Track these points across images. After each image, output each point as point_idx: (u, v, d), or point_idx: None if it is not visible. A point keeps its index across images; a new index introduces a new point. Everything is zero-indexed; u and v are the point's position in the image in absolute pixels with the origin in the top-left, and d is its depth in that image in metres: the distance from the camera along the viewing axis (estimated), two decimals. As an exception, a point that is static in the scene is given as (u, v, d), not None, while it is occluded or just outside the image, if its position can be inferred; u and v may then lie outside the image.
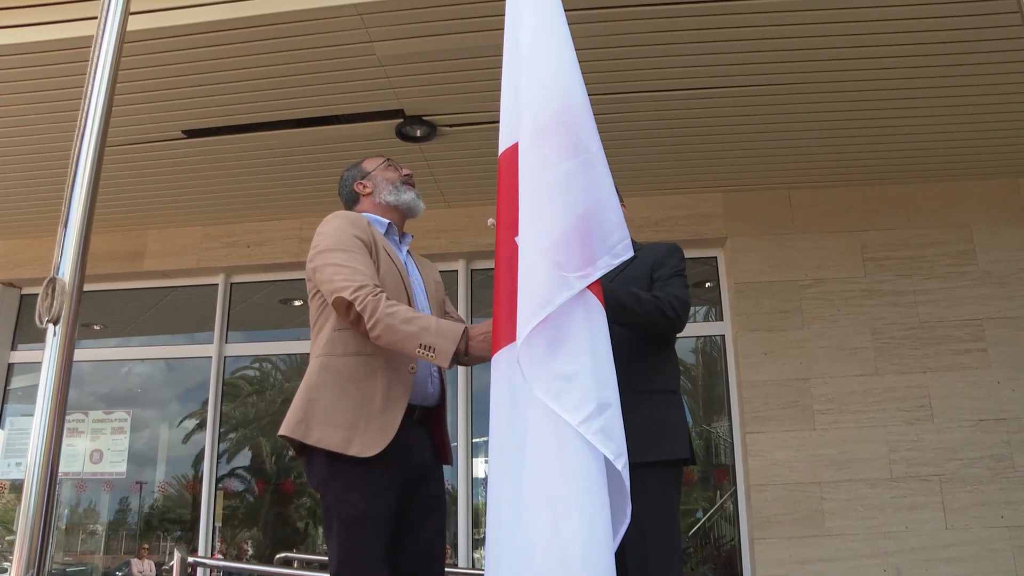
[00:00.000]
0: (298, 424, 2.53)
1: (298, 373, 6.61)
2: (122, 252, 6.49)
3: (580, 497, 1.84)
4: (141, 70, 4.37)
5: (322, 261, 2.59)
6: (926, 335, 5.62)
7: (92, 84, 2.57)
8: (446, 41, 4.21)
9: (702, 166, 5.66)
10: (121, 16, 2.75)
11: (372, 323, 2.43)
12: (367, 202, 2.91)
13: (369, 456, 2.46)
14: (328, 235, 2.65)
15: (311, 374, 2.61)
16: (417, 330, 2.43)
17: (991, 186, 5.88)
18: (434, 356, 2.41)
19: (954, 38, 4.26)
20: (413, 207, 2.93)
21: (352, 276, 2.50)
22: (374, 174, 2.93)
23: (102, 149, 2.52)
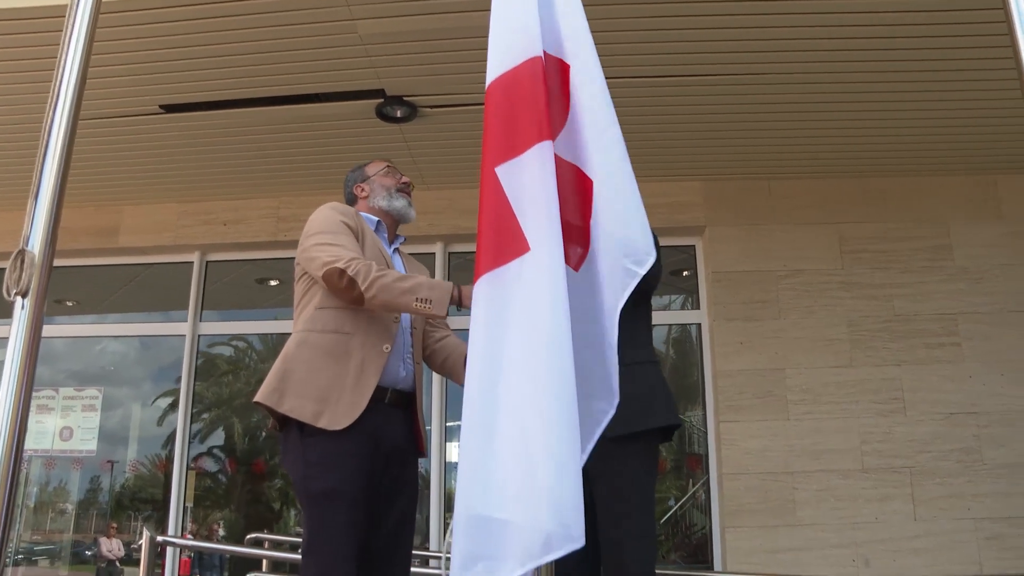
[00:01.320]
0: (272, 392, 2.64)
1: (273, 354, 6.57)
2: (97, 227, 6.41)
3: (553, 424, 1.77)
4: (119, 42, 4.30)
5: (311, 243, 2.73)
6: (901, 328, 5.66)
7: (66, 54, 2.52)
8: (429, 21, 4.17)
9: (682, 154, 5.65)
10: (97, -15, 2.70)
11: (367, 284, 2.56)
12: (362, 204, 3.04)
13: (338, 429, 2.56)
14: (317, 222, 2.79)
15: (289, 346, 2.72)
16: (412, 285, 2.58)
17: (968, 182, 5.92)
18: (431, 306, 2.56)
19: (936, 33, 4.28)
20: (404, 214, 3.06)
21: (341, 252, 2.64)
22: (373, 179, 3.07)
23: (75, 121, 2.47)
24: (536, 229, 1.90)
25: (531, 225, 1.91)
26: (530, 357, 1.82)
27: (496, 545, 1.71)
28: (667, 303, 6.31)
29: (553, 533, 1.66)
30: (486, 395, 1.83)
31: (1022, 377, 5.52)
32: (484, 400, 1.83)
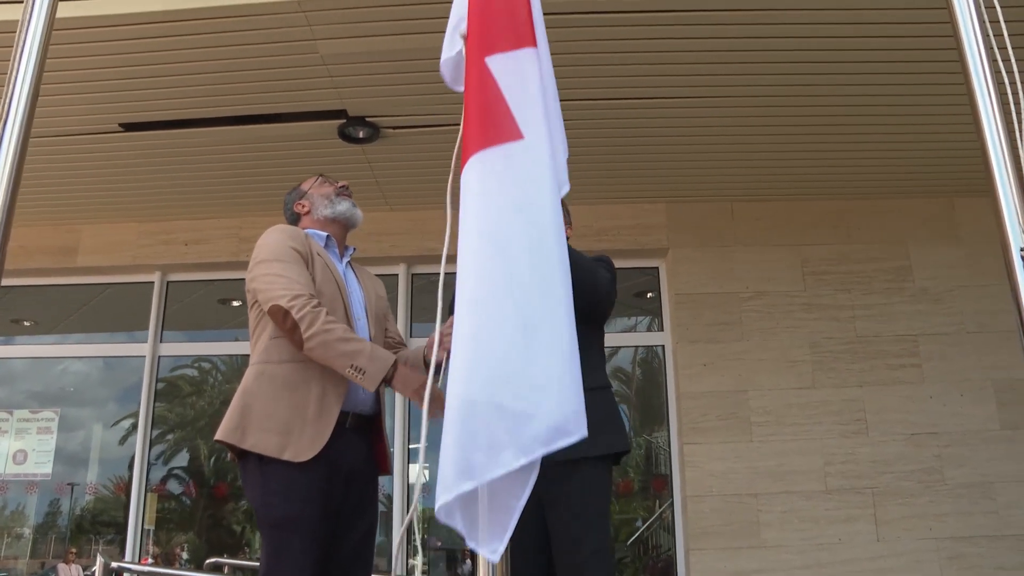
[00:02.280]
0: (234, 430, 2.59)
1: (237, 375, 6.49)
2: (55, 247, 6.31)
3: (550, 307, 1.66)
4: (77, 59, 4.25)
5: (259, 271, 2.69)
6: (863, 350, 5.70)
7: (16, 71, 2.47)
8: (391, 42, 4.16)
9: (645, 177, 5.67)
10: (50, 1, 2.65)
11: (309, 334, 2.53)
12: (307, 220, 3.00)
13: (303, 461, 2.53)
14: (265, 247, 2.74)
15: (247, 380, 2.68)
16: (353, 350, 2.55)
17: (927, 204, 5.99)
18: (363, 379, 2.54)
19: (896, 58, 4.34)
20: (350, 216, 3.01)
21: (289, 285, 2.59)
22: (310, 192, 3.03)
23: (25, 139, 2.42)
24: (529, 122, 1.82)
25: (523, 116, 1.83)
26: (534, 238, 1.71)
27: (493, 434, 1.58)
28: (632, 325, 6.32)
29: (553, 425, 1.61)
30: (483, 270, 1.72)
31: (981, 397, 5.58)
32: (480, 276, 1.72)
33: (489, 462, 1.56)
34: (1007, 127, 2.04)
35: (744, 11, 3.97)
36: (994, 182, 1.98)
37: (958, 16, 2.32)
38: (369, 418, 2.82)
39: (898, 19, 4.03)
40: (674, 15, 4.01)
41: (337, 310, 2.73)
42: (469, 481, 1.55)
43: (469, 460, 1.56)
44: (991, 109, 2.06)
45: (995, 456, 5.45)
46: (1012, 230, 1.87)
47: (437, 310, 2.13)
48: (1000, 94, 2.08)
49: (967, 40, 2.27)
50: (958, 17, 2.32)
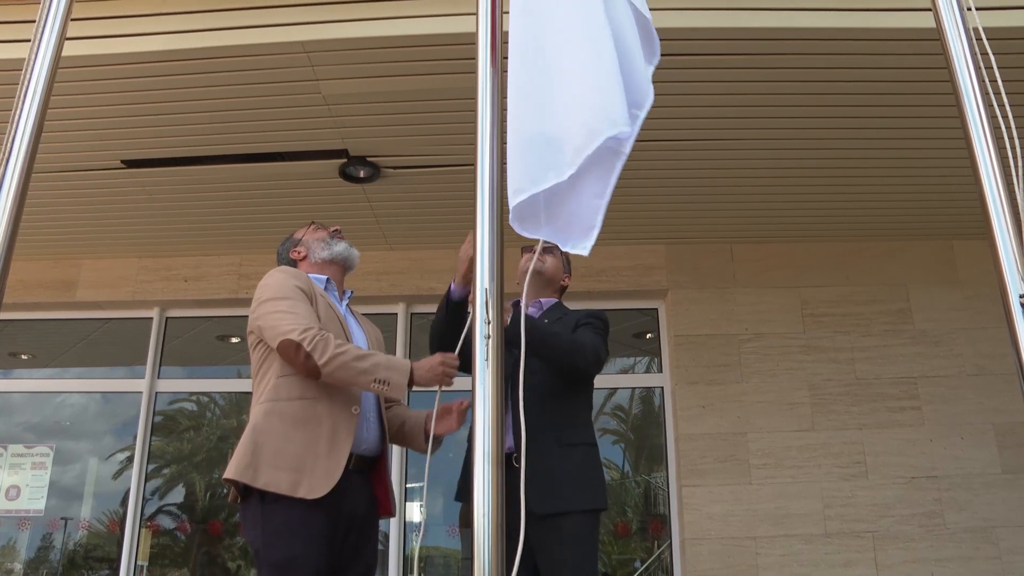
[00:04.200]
0: (246, 468, 2.57)
1: (235, 410, 6.46)
2: (55, 281, 6.31)
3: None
4: (80, 96, 4.27)
5: (265, 310, 2.71)
6: (862, 392, 5.68)
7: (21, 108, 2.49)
8: (392, 83, 4.19)
9: (645, 218, 5.69)
10: (56, 41, 2.68)
11: (325, 360, 2.55)
12: (304, 265, 3.04)
13: (317, 497, 2.54)
14: (269, 287, 2.77)
15: (257, 418, 2.67)
16: (371, 365, 2.59)
17: (926, 247, 6.01)
18: (389, 389, 2.58)
19: (894, 103, 4.38)
20: (347, 256, 3.07)
21: (296, 320, 2.62)
22: (305, 238, 3.09)
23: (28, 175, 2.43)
24: None
25: None
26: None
27: (554, 155, 1.84)
28: (631, 366, 6.30)
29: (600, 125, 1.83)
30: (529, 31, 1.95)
31: (982, 440, 5.55)
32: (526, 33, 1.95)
33: (560, 165, 1.84)
34: (1004, 173, 2.05)
35: (745, 55, 4.01)
36: (992, 229, 1.99)
37: (955, 64, 2.35)
38: (372, 459, 2.83)
39: (897, 64, 4.07)
40: (674, 59, 4.04)
41: None
42: (541, 184, 1.83)
43: (542, 163, 1.84)
44: (988, 156, 2.08)
45: (996, 500, 5.41)
46: (1010, 276, 1.87)
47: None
48: (997, 139, 2.09)
49: (964, 87, 2.30)
50: (955, 65, 2.35)
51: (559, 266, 3.45)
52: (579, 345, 3.03)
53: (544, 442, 2.97)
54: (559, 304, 3.40)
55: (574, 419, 3.11)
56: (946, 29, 2.39)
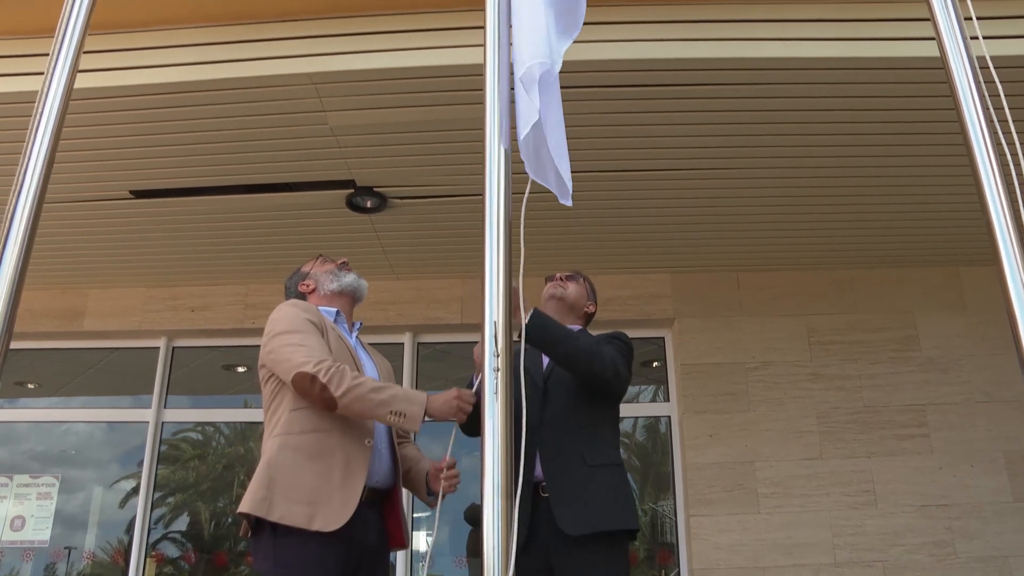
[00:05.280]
0: (261, 501, 2.57)
1: (241, 439, 6.45)
2: (62, 310, 6.33)
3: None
4: (90, 128, 4.30)
5: (278, 343, 2.71)
6: (870, 420, 5.66)
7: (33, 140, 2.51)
8: (399, 114, 4.21)
9: (651, 247, 5.70)
10: (68, 73, 2.71)
11: (342, 391, 2.55)
12: (313, 298, 3.04)
13: (333, 530, 2.53)
14: (281, 320, 2.77)
15: (271, 452, 2.66)
16: (388, 397, 2.59)
17: (933, 273, 6.00)
18: (405, 421, 2.59)
19: (901, 130, 4.39)
20: (356, 287, 3.07)
21: (311, 353, 2.62)
22: (313, 271, 3.09)
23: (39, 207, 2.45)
24: None
25: None
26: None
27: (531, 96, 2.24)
28: (636, 395, 6.29)
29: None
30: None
31: (992, 468, 5.51)
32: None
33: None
34: (1010, 200, 2.06)
35: (749, 84, 4.03)
36: (999, 255, 1.99)
37: (959, 92, 2.37)
38: (384, 491, 2.83)
39: (902, 92, 4.08)
40: (679, 88, 4.07)
41: None
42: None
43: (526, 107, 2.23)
44: (994, 182, 2.08)
45: (1008, 529, 5.36)
46: (1018, 302, 1.87)
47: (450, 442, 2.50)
48: (1002, 166, 2.10)
49: (968, 115, 2.31)
50: (959, 93, 2.37)
51: (582, 293, 3.43)
52: (597, 351, 3.00)
53: (571, 463, 2.97)
54: (583, 331, 3.38)
55: (600, 440, 3.08)
56: (950, 58, 2.41)
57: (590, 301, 3.48)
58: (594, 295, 3.53)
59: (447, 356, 6.25)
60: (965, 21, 2.55)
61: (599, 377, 3.01)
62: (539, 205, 5.12)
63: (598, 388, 3.06)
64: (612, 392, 3.13)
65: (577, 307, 3.40)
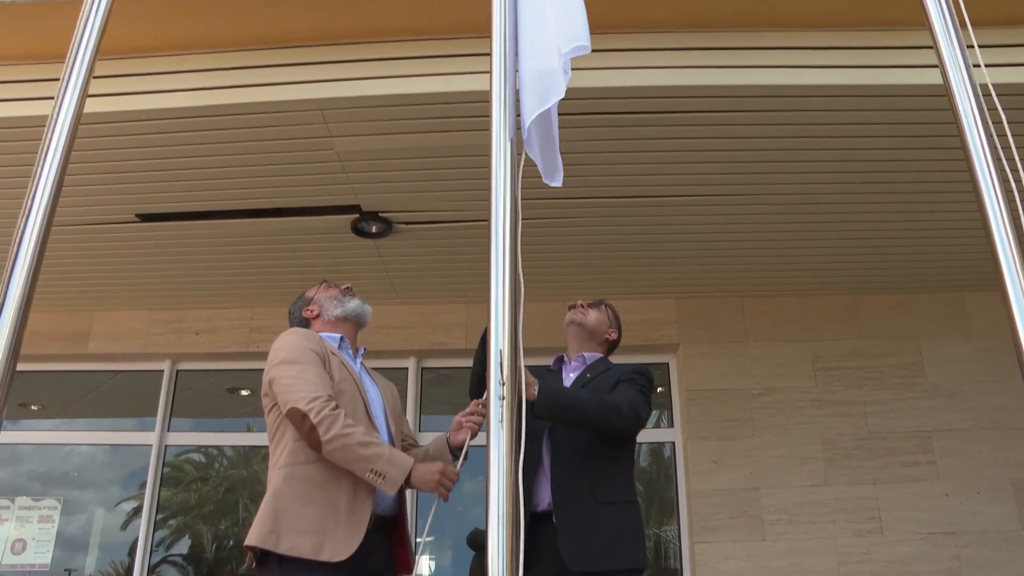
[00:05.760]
0: (268, 535, 2.55)
1: (244, 461, 6.43)
2: (66, 333, 6.34)
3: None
4: (98, 152, 4.33)
5: (278, 373, 2.70)
6: (876, 446, 5.63)
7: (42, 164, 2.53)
8: (405, 140, 4.24)
9: (655, 273, 5.71)
10: (78, 98, 2.73)
11: (328, 437, 2.54)
12: (317, 323, 3.04)
13: (341, 560, 2.52)
14: (283, 349, 2.76)
15: (276, 483, 2.65)
16: (372, 455, 2.57)
17: (938, 299, 5.99)
18: (383, 483, 2.56)
19: (904, 157, 4.40)
20: (360, 312, 3.08)
21: (307, 388, 2.61)
22: (317, 297, 3.10)
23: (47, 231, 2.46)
24: None
25: None
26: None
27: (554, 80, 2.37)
28: (643, 419, 6.26)
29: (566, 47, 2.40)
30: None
31: (999, 496, 5.47)
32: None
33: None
34: (1015, 226, 2.06)
35: (755, 112, 4.05)
36: (1004, 281, 1.99)
37: (963, 120, 2.38)
38: (391, 519, 2.82)
39: (906, 120, 4.10)
40: (685, 115, 4.09)
41: (357, 409, 2.75)
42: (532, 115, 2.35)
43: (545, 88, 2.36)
44: (998, 208, 2.09)
45: (1017, 558, 5.31)
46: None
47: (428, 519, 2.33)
48: (1006, 192, 2.11)
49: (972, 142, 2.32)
50: (963, 121, 2.38)
51: (603, 320, 3.42)
52: (612, 404, 2.98)
53: (582, 500, 2.96)
54: (603, 359, 3.37)
55: (613, 476, 3.07)
56: (953, 86, 2.42)
57: (612, 328, 3.46)
58: (617, 323, 3.52)
59: (451, 381, 6.24)
60: (968, 49, 2.57)
61: (619, 430, 3.01)
62: (544, 231, 5.17)
63: (618, 436, 3.08)
64: (630, 434, 3.14)
65: (598, 334, 3.38)
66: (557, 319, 3.51)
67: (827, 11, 3.85)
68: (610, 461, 3.08)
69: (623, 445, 3.15)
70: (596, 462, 3.05)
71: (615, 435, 3.05)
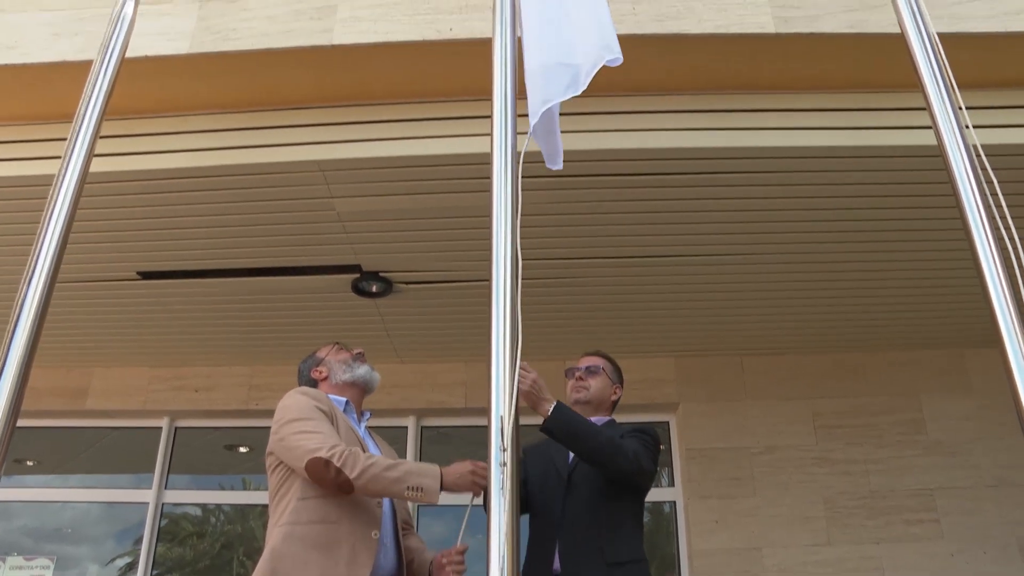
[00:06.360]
0: None
1: (240, 517, 6.36)
2: (65, 388, 6.32)
3: None
4: (101, 210, 4.36)
5: (288, 431, 2.70)
6: (878, 505, 5.57)
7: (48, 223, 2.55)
8: (405, 201, 4.28)
9: (655, 331, 5.71)
10: (84, 158, 2.77)
11: (357, 473, 2.54)
12: (325, 386, 3.05)
13: None
14: (291, 408, 2.77)
15: (275, 542, 2.63)
16: (402, 474, 2.60)
17: (938, 356, 5.98)
18: (423, 495, 2.58)
19: (902, 216, 4.44)
20: (368, 379, 3.09)
21: (323, 439, 2.62)
22: (328, 359, 3.11)
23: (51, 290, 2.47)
24: None
25: None
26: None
27: (572, 76, 2.63)
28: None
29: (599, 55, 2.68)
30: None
31: (1005, 555, 5.40)
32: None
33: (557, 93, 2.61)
34: (1011, 282, 2.08)
35: (752, 173, 4.10)
36: (1002, 338, 2.00)
37: (957, 179, 2.42)
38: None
39: (902, 179, 4.14)
40: (682, 177, 4.13)
41: None
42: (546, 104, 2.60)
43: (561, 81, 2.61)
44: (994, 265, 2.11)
45: (1024, 619, 5.24)
46: (1023, 385, 1.88)
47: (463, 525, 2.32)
48: (1001, 249, 2.13)
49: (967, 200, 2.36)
50: (957, 180, 2.42)
51: (605, 384, 3.40)
52: (619, 444, 2.98)
53: (590, 560, 2.95)
54: (611, 422, 3.36)
55: (621, 535, 3.05)
56: (947, 146, 2.47)
57: (615, 386, 3.46)
58: (619, 376, 3.51)
59: (450, 439, 6.21)
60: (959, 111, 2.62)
61: (623, 471, 2.99)
62: (544, 291, 5.17)
63: (622, 482, 3.05)
64: (637, 486, 3.12)
65: (603, 402, 3.38)
66: (555, 378, 3.50)
67: (821, 74, 3.93)
68: (619, 519, 3.07)
69: (632, 503, 3.14)
70: (605, 521, 3.03)
71: (619, 478, 3.03)
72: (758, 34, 3.72)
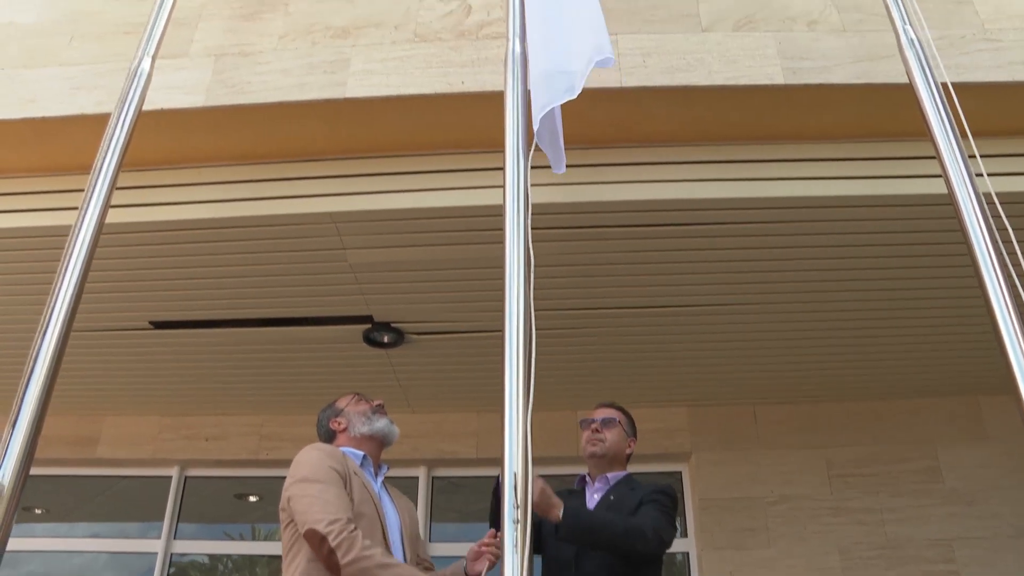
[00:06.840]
0: None
1: (248, 564, 6.30)
2: (75, 437, 6.31)
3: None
4: (114, 260, 4.37)
5: (298, 491, 2.69)
6: (895, 555, 5.48)
7: (64, 274, 2.57)
8: (417, 252, 4.29)
9: (667, 381, 5.68)
10: (101, 209, 2.80)
11: (348, 560, 2.50)
12: (343, 437, 3.04)
13: None
14: (305, 465, 2.75)
15: None
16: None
17: (953, 403, 5.92)
18: None
19: (913, 264, 4.44)
20: (388, 433, 3.09)
21: (326, 509, 2.59)
22: (347, 410, 3.10)
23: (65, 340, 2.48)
24: None
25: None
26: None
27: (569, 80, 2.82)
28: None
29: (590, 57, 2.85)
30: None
31: (1029, 608, 5.30)
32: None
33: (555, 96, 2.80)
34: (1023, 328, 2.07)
35: (762, 223, 4.11)
36: (1017, 385, 1.99)
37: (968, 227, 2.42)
38: None
39: (913, 228, 4.15)
40: (693, 228, 4.14)
41: (375, 532, 2.71)
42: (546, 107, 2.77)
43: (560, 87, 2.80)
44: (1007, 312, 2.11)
45: (1048, 674, 5.12)
46: (1039, 435, 1.86)
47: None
48: (1014, 296, 2.13)
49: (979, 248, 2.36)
50: (968, 228, 2.42)
51: (620, 436, 3.39)
52: (636, 528, 2.97)
53: None
54: (628, 477, 3.34)
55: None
56: (957, 194, 2.48)
57: (630, 439, 3.45)
58: (633, 428, 3.50)
59: (461, 489, 6.17)
60: (970, 159, 2.63)
61: (644, 553, 2.98)
62: (557, 342, 5.17)
63: (642, 559, 3.05)
64: (656, 554, 3.11)
65: (618, 456, 3.36)
66: (568, 428, 3.50)
67: (831, 124, 3.95)
68: (634, 571, 3.04)
69: (649, 565, 3.11)
70: (620, 572, 3.01)
71: (637, 558, 3.02)
72: (768, 85, 3.75)
